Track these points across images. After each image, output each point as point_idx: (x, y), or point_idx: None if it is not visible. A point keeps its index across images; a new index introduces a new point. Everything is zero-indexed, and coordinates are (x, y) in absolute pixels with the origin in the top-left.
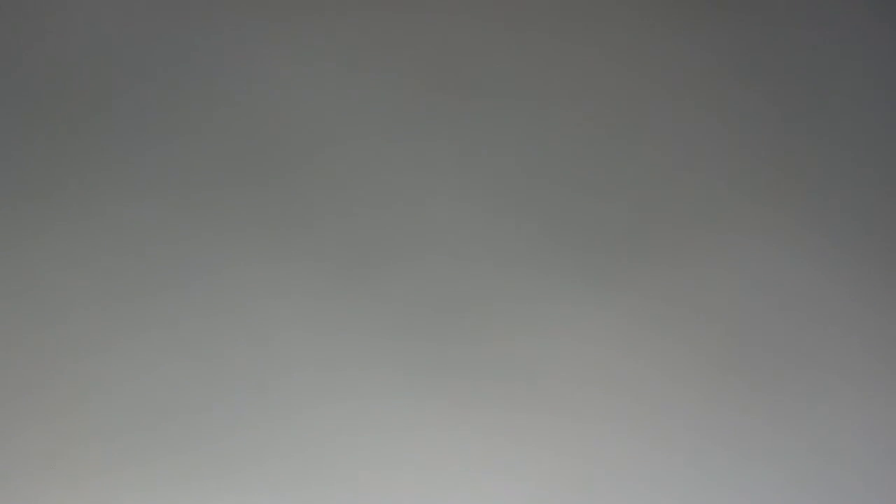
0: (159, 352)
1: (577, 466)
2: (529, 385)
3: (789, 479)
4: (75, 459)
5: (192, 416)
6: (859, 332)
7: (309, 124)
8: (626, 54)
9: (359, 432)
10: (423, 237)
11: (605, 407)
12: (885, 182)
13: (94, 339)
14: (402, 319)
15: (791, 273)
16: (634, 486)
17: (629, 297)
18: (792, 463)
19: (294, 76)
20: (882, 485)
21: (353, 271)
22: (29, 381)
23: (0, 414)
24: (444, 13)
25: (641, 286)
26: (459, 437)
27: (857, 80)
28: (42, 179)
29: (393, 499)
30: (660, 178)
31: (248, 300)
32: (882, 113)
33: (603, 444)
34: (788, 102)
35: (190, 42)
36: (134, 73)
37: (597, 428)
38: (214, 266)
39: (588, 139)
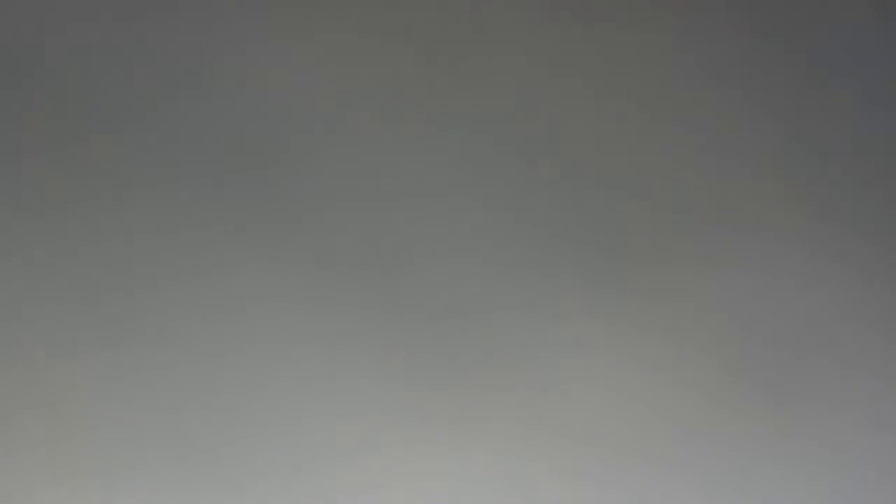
0: (154, 358)
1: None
2: (529, 417)
3: None
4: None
5: (188, 423)
6: (874, 361)
7: (309, 126)
8: (629, 56)
9: (356, 443)
10: (425, 251)
11: (608, 436)
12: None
13: (87, 345)
14: (403, 331)
15: (797, 295)
16: None
17: (630, 326)
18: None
19: (292, 77)
20: None
21: (353, 278)
22: (20, 386)
23: None
24: (442, 10)
25: (644, 313)
26: (460, 455)
27: (858, 84)
28: (33, 186)
29: None
30: (662, 198)
31: (246, 305)
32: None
33: (604, 473)
34: (797, 108)
35: (185, 43)
36: (125, 75)
37: (599, 458)
38: (212, 271)
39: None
